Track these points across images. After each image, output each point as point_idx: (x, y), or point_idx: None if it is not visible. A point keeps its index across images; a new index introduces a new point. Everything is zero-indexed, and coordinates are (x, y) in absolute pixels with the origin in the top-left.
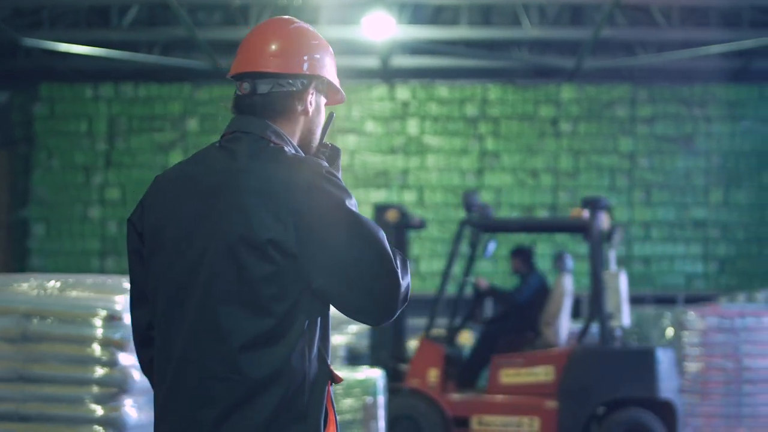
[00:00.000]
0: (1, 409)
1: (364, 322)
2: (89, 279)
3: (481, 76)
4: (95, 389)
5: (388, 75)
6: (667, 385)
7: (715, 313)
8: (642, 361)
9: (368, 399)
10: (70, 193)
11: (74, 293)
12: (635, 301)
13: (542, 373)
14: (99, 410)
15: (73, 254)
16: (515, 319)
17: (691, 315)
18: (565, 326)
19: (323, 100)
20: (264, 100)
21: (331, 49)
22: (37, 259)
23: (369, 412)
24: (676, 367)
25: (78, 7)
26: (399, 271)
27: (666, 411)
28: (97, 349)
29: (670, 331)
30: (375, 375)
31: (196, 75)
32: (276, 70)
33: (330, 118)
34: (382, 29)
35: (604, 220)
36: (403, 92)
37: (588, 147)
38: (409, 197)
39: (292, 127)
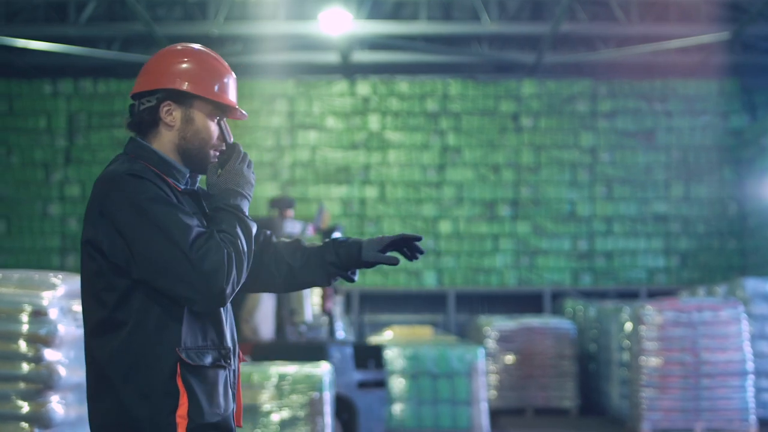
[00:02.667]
0: None
1: (193, 309)
2: (16, 274)
3: (442, 72)
4: (21, 386)
5: (349, 71)
6: (340, 380)
7: (672, 308)
8: (313, 356)
9: (314, 394)
10: (29, 190)
11: (0, 289)
12: (598, 295)
13: None
14: (25, 407)
15: (33, 251)
16: None
17: (649, 309)
18: (268, 323)
19: (198, 114)
20: (135, 119)
21: (213, 70)
22: None
23: (315, 407)
24: (353, 362)
25: (35, 3)
26: (191, 256)
27: (342, 406)
28: (23, 345)
29: (628, 326)
30: (321, 371)
31: None
32: (137, 90)
33: (219, 124)
34: (340, 24)
35: (324, 219)
36: (363, 88)
37: (549, 142)
38: (370, 193)
39: (160, 140)
